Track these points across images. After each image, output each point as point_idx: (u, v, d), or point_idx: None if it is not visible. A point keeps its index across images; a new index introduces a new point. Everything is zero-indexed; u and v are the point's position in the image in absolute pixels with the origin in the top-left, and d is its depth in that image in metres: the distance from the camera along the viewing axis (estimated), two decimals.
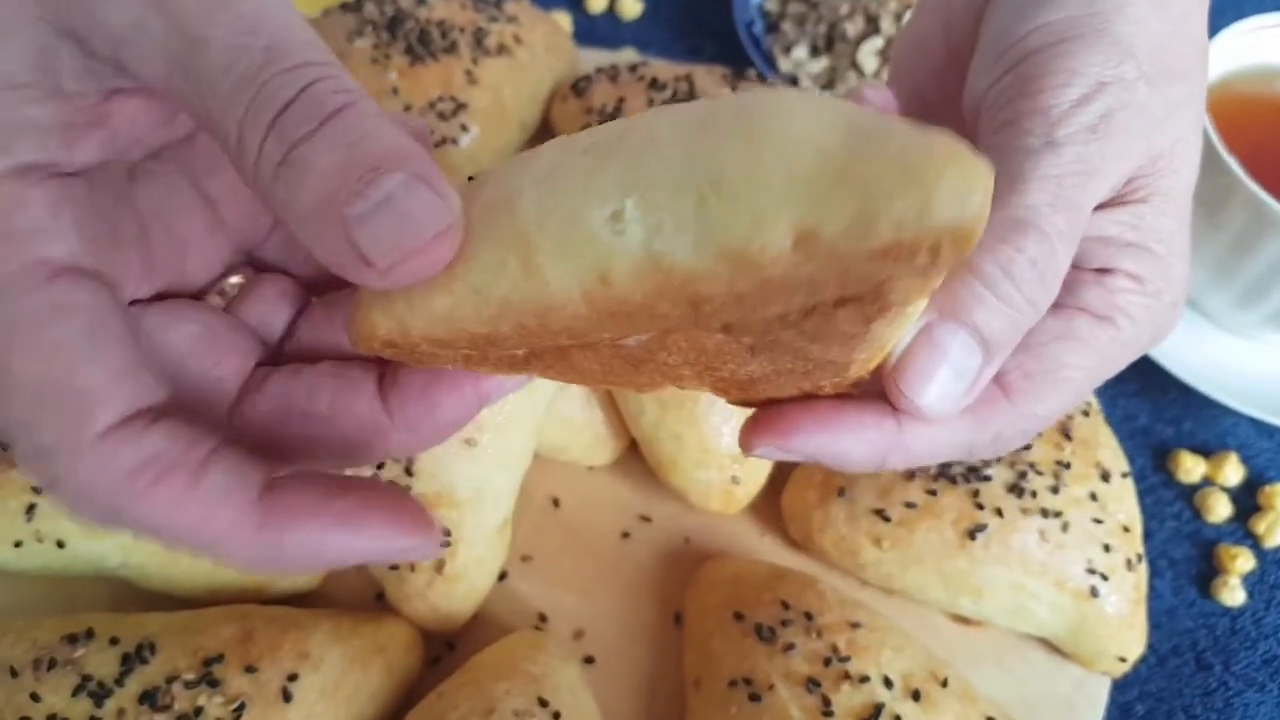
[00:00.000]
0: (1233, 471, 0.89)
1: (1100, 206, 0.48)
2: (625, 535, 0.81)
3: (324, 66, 0.37)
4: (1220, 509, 0.87)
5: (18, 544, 0.71)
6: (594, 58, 1.06)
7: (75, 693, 0.63)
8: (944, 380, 0.43)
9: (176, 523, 0.37)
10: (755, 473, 0.80)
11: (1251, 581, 0.84)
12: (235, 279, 0.48)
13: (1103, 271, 0.49)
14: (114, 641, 0.66)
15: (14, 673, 0.64)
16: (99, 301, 0.39)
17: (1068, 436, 0.76)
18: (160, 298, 0.44)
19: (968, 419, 0.49)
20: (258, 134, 0.36)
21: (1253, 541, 0.86)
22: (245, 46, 0.36)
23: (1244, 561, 0.84)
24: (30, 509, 0.70)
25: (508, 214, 0.35)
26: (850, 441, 0.45)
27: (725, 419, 0.77)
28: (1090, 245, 0.49)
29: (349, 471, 0.45)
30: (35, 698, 0.63)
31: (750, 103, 0.30)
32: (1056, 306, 0.50)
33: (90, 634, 0.66)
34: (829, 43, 1.07)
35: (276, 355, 0.47)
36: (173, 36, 0.36)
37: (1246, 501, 0.88)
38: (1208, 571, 0.85)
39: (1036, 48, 0.45)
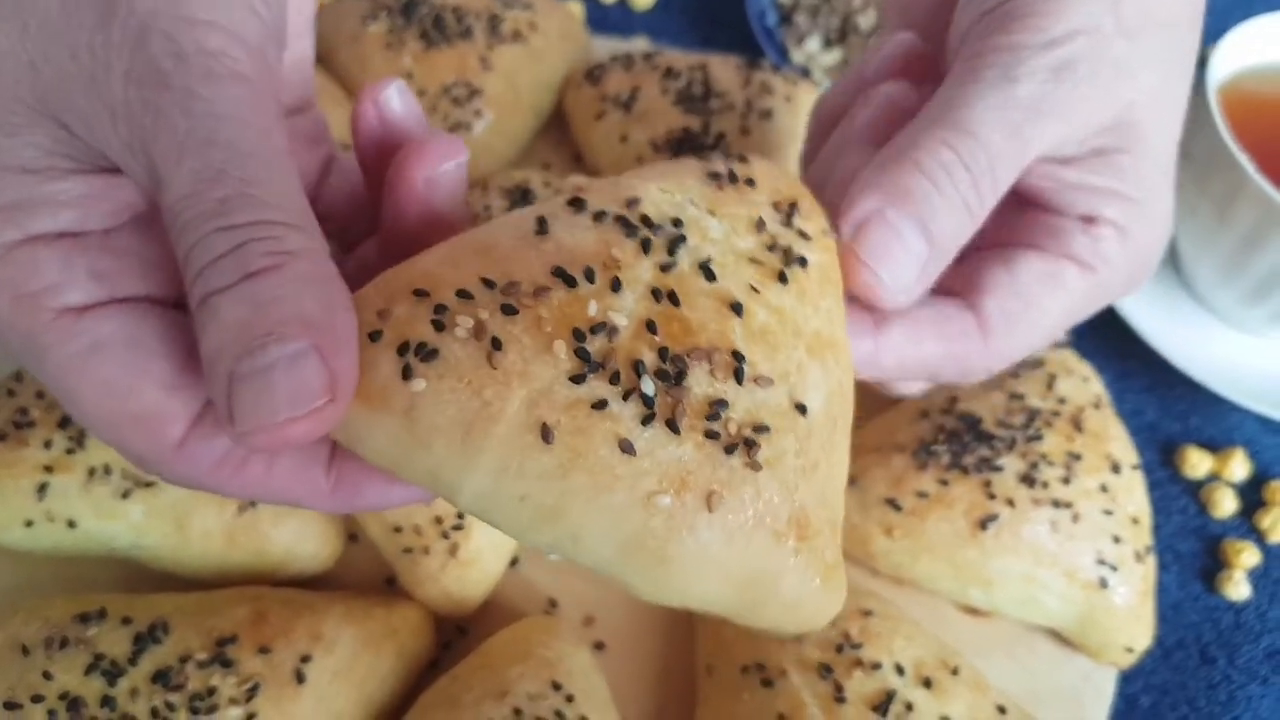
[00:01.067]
0: (1239, 467, 0.89)
1: (1082, 159, 0.51)
2: None
3: (270, 226, 0.38)
4: (1226, 504, 0.87)
5: (29, 523, 0.71)
6: (607, 46, 1.06)
7: (87, 671, 0.63)
8: (899, 257, 0.47)
9: (267, 494, 0.44)
10: None
11: (1256, 576, 0.85)
12: None
13: (1089, 221, 0.52)
14: (126, 621, 0.66)
15: (25, 651, 0.64)
16: (128, 324, 0.42)
17: (1079, 428, 0.77)
18: None
19: (940, 345, 0.52)
20: (190, 276, 0.38)
21: (1258, 537, 0.87)
22: (200, 195, 0.38)
23: (1249, 556, 0.84)
24: (42, 488, 0.70)
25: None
26: None
27: None
28: (1075, 193, 0.52)
29: None
30: (47, 676, 0.63)
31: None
32: (1044, 252, 0.53)
33: (103, 613, 0.66)
34: (842, 35, 1.08)
35: None
36: (153, 168, 0.38)
37: (1252, 497, 0.89)
38: (1213, 566, 0.85)
39: None
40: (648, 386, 0.39)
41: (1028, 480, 0.74)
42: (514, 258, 0.42)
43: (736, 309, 0.42)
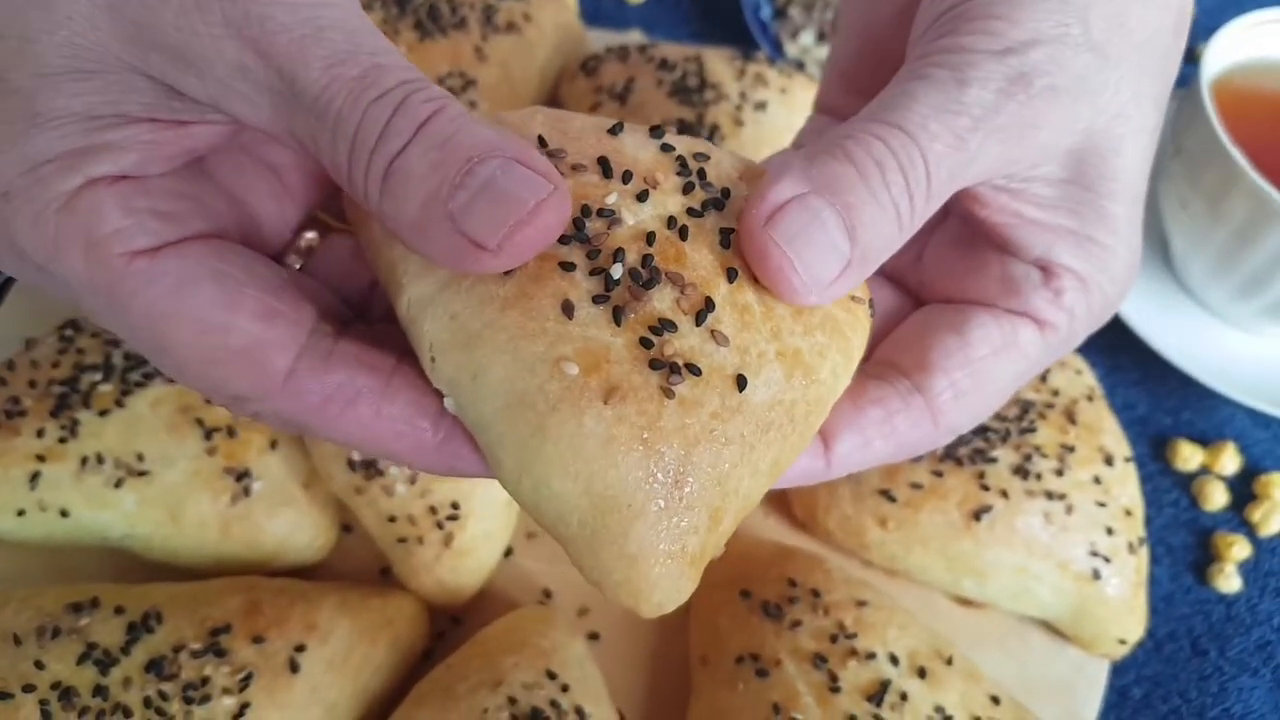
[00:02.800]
0: (1230, 460, 0.89)
1: (1039, 192, 0.46)
2: None
3: (415, 82, 0.38)
4: (1217, 497, 0.88)
5: (20, 513, 0.71)
6: (602, 39, 1.06)
7: (80, 661, 0.63)
8: (820, 247, 0.41)
9: (366, 441, 0.42)
10: None
11: (1247, 569, 0.85)
12: (310, 235, 0.50)
13: (1047, 272, 0.48)
14: (119, 611, 0.66)
15: (17, 640, 0.64)
16: (210, 257, 0.41)
17: (1072, 421, 0.77)
18: None
19: (889, 443, 0.48)
20: (364, 156, 0.37)
21: (1249, 530, 0.87)
22: (341, 78, 0.37)
23: (1240, 549, 0.85)
24: (34, 477, 0.70)
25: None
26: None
27: None
28: (1033, 231, 0.47)
29: None
30: (39, 665, 0.63)
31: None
32: (999, 315, 0.49)
33: (95, 603, 0.66)
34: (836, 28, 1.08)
35: (354, 310, 0.49)
36: (273, 76, 0.37)
37: (1243, 490, 0.89)
38: (1204, 559, 0.86)
39: None
40: (616, 271, 0.40)
41: (1021, 472, 0.74)
42: (576, 136, 0.43)
43: (731, 275, 0.42)
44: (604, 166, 0.43)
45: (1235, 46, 0.92)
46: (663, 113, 0.90)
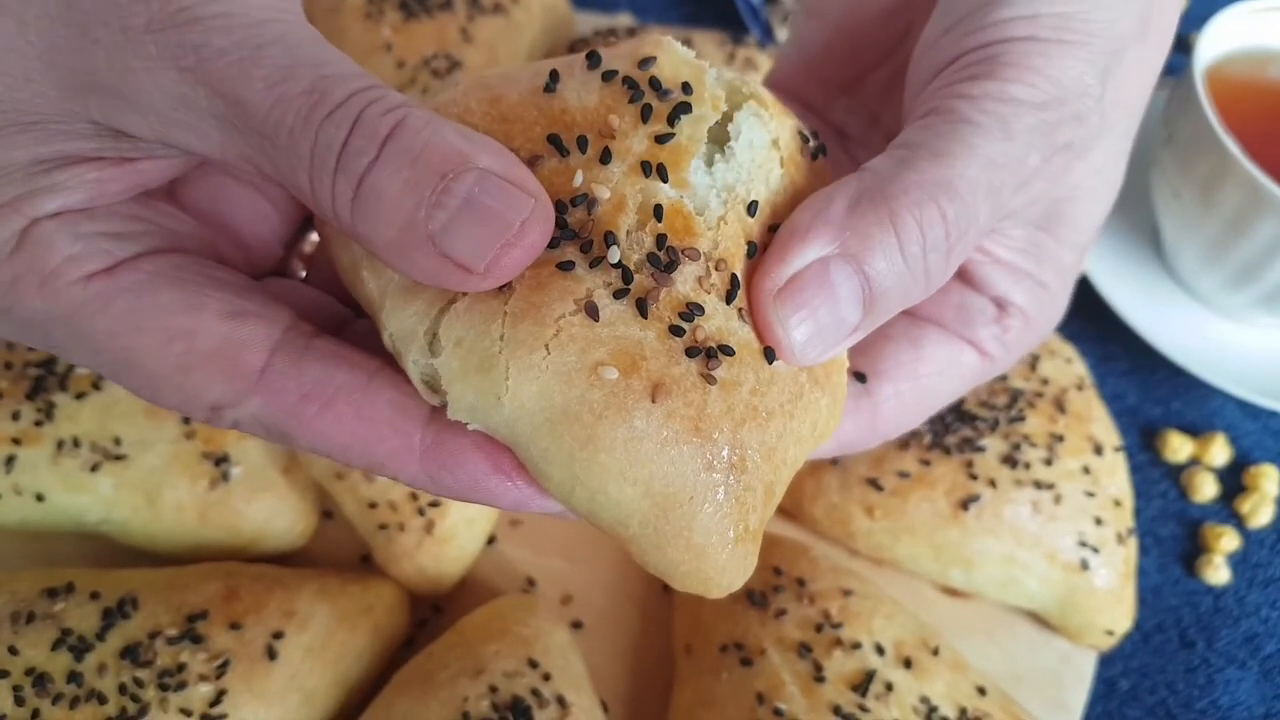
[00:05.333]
0: (1219, 452, 0.89)
1: (1013, 234, 0.48)
2: None
3: (367, 91, 0.36)
4: (1206, 488, 0.87)
5: None
6: (590, 22, 1.05)
7: (55, 646, 0.62)
8: (823, 322, 0.40)
9: (347, 444, 0.40)
10: None
11: (1235, 560, 0.85)
12: (315, 237, 0.49)
13: (1000, 307, 0.50)
14: (95, 596, 0.65)
15: None
16: (165, 267, 0.40)
17: (1062, 410, 0.76)
18: None
19: (831, 444, 0.48)
20: (327, 178, 0.36)
21: (1238, 521, 0.87)
22: (287, 97, 0.35)
23: (1229, 541, 0.84)
24: (9, 461, 0.69)
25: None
26: None
27: None
28: (998, 271, 0.49)
29: None
30: (13, 651, 0.62)
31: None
32: (949, 335, 0.51)
33: (70, 588, 0.65)
34: None
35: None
36: (217, 102, 0.36)
37: (1232, 482, 0.89)
38: (1193, 550, 0.85)
39: (1021, 37, 0.42)
40: (614, 256, 0.38)
41: (1010, 461, 0.73)
42: (516, 118, 0.41)
43: (751, 248, 0.41)
44: (556, 144, 0.41)
45: (1228, 35, 0.91)
46: None
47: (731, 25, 1.09)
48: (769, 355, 0.40)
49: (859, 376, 0.50)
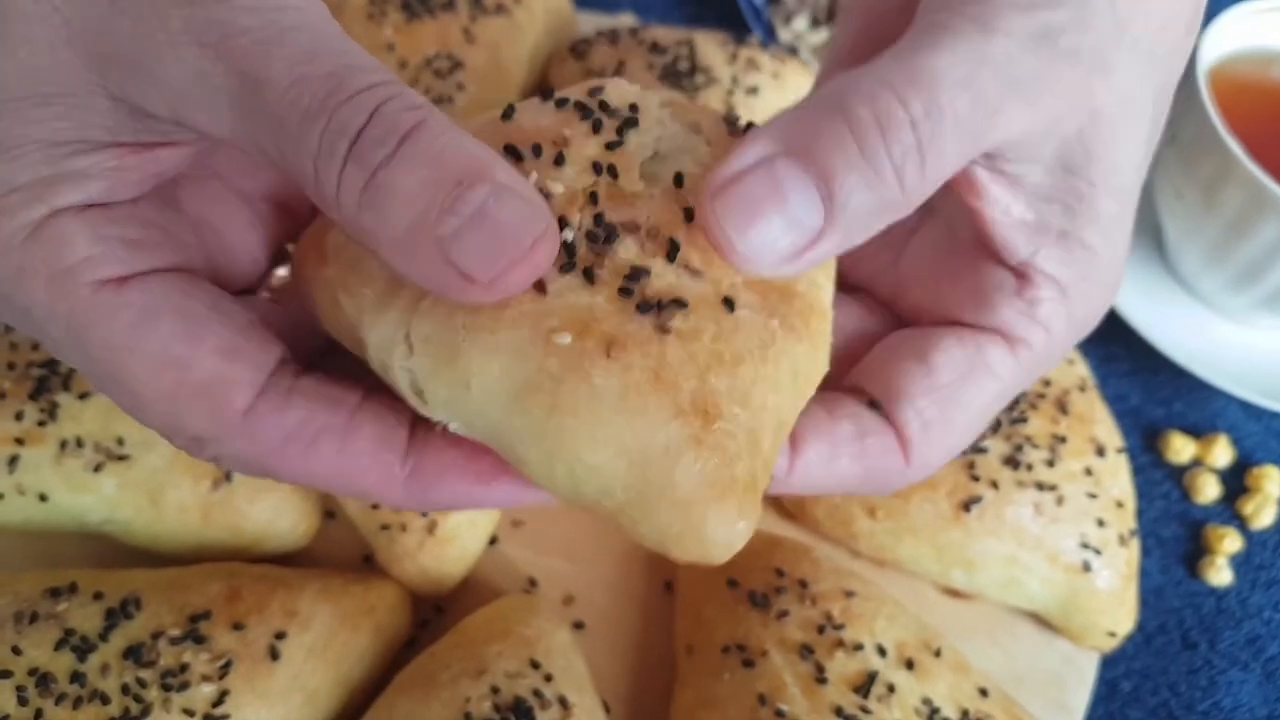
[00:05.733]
0: (1222, 453, 0.89)
1: (1035, 179, 0.43)
2: None
3: (389, 85, 0.36)
4: (1209, 490, 0.87)
5: None
6: (592, 22, 1.05)
7: (58, 647, 0.62)
8: (773, 227, 0.37)
9: (330, 480, 0.41)
10: None
11: (1238, 562, 0.85)
12: (283, 271, 0.49)
13: (1023, 279, 0.44)
14: (98, 596, 0.65)
15: None
16: (174, 292, 0.40)
17: (1064, 411, 0.76)
18: None
19: (857, 465, 0.45)
20: (335, 165, 0.35)
21: (1240, 523, 0.87)
22: (307, 78, 0.35)
23: (1231, 542, 0.84)
24: (12, 461, 0.69)
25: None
26: None
27: None
28: (1015, 229, 0.44)
29: None
30: (16, 651, 0.62)
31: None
32: (967, 328, 0.45)
33: (73, 588, 0.65)
34: (829, 14, 1.07)
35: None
36: (233, 80, 0.36)
37: (1235, 483, 0.89)
38: (1195, 551, 0.85)
39: None
40: (568, 236, 0.39)
41: (1012, 462, 0.73)
42: (476, 135, 0.41)
43: (688, 215, 0.41)
44: (512, 152, 0.41)
45: (1232, 35, 0.91)
46: None
47: (734, 26, 1.09)
48: (729, 304, 0.39)
49: (872, 404, 0.47)
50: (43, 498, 0.70)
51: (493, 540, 0.77)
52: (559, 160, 0.41)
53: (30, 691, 0.60)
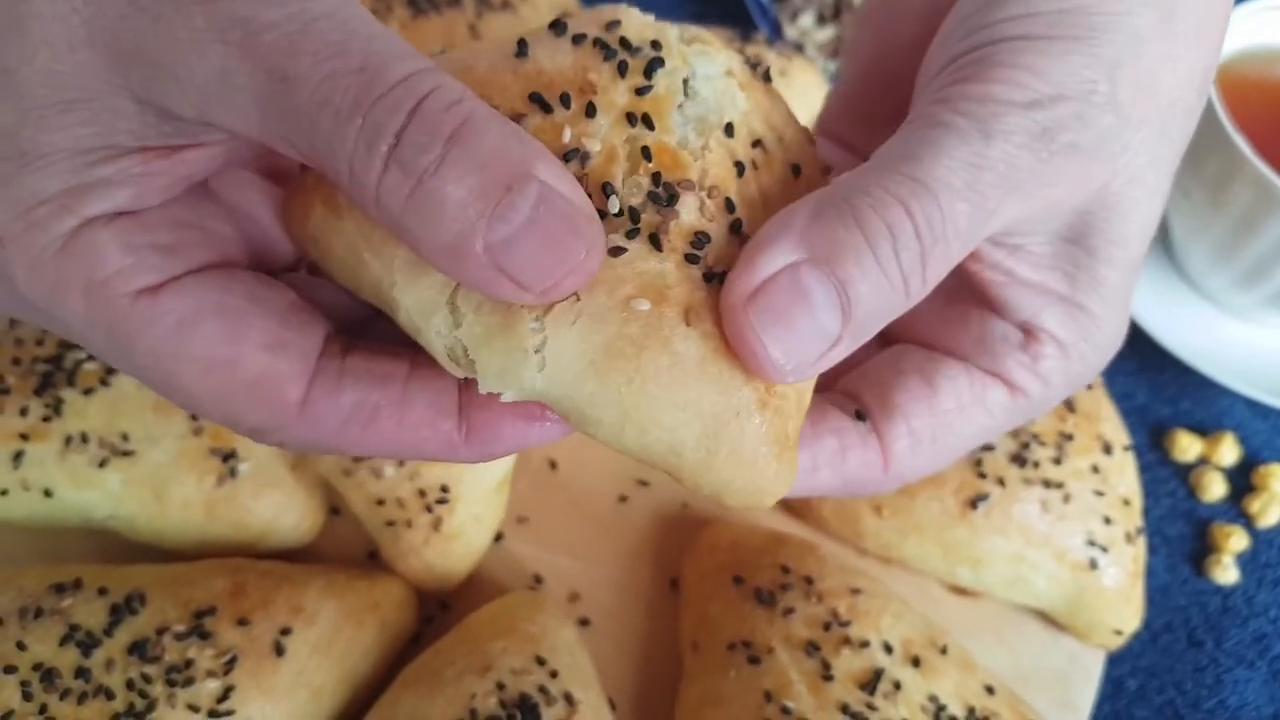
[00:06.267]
0: (1228, 451, 0.89)
1: (1038, 250, 0.44)
2: (623, 499, 0.80)
3: (424, 75, 0.35)
4: (1215, 488, 0.87)
5: (3, 492, 0.70)
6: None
7: (63, 642, 0.62)
8: (802, 335, 0.38)
9: (396, 450, 0.42)
10: None
11: (1244, 560, 0.84)
12: None
13: (1029, 335, 0.46)
14: (103, 592, 0.65)
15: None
16: (212, 291, 0.39)
17: (1071, 408, 0.76)
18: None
19: (835, 476, 0.47)
20: (374, 168, 0.35)
21: (1246, 521, 0.86)
22: (337, 73, 0.34)
23: (1237, 540, 0.84)
24: (17, 456, 0.69)
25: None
26: None
27: None
28: (1022, 293, 0.45)
29: None
30: (21, 646, 0.62)
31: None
32: (971, 369, 0.47)
33: (78, 584, 0.65)
34: (836, 11, 1.06)
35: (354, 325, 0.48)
36: (260, 78, 0.35)
37: (1241, 481, 0.88)
38: (1201, 550, 0.85)
39: (1012, 36, 0.40)
40: (614, 205, 0.39)
41: (1019, 460, 0.73)
42: (493, 81, 0.41)
43: (739, 168, 0.42)
44: (539, 102, 0.41)
45: (1239, 33, 0.91)
46: None
47: (740, 23, 1.08)
48: None
49: (857, 415, 0.49)
50: (47, 493, 0.70)
51: (498, 537, 0.77)
52: (590, 111, 0.41)
53: (35, 687, 0.60)
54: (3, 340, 0.73)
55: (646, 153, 0.41)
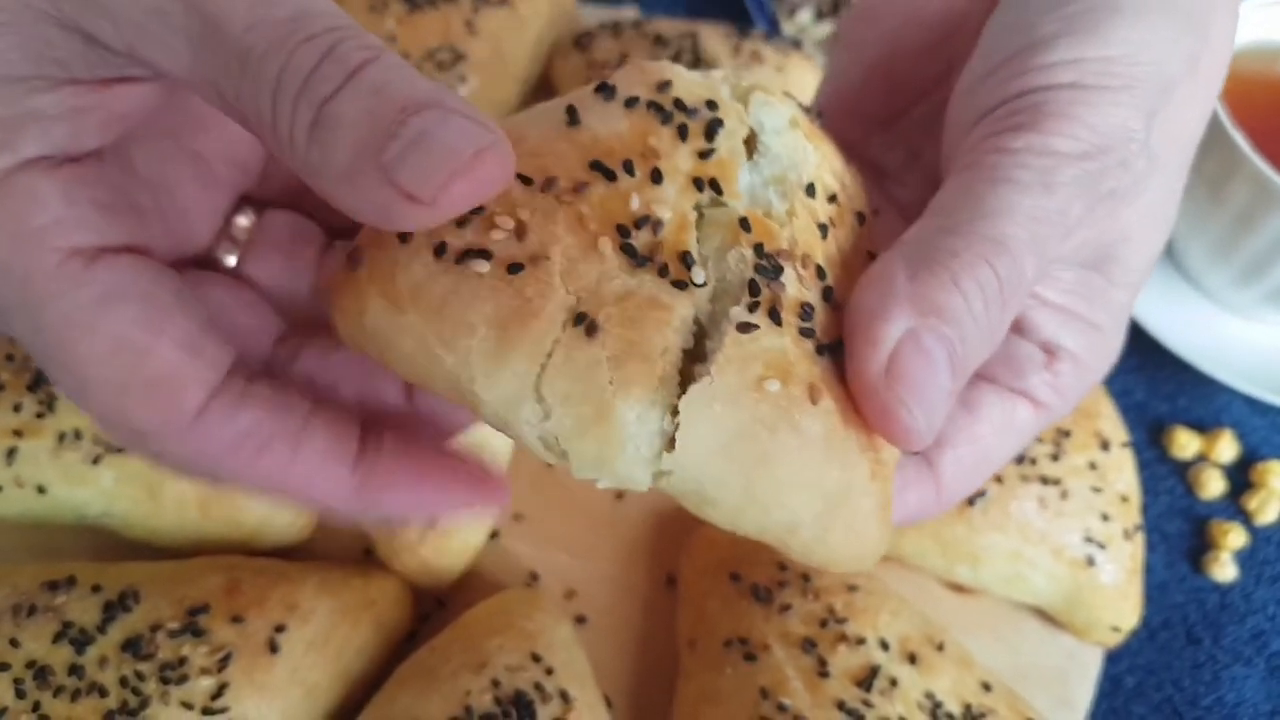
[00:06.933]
0: (1227, 448, 0.88)
1: (1062, 277, 0.47)
2: (619, 496, 0.80)
3: (346, 29, 0.36)
4: (1213, 485, 0.87)
5: None
6: (595, 14, 1.04)
7: (56, 640, 0.62)
8: (933, 394, 0.39)
9: (279, 486, 0.40)
10: None
11: (1243, 557, 0.84)
12: (243, 221, 0.48)
13: (1050, 353, 0.48)
14: (96, 589, 0.64)
15: None
16: (142, 277, 0.39)
17: None
18: (175, 265, 0.43)
19: (900, 516, 0.47)
20: (288, 102, 0.35)
21: (1245, 518, 0.86)
22: (266, 20, 0.35)
23: (1235, 537, 0.84)
24: (10, 453, 0.68)
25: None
26: None
27: None
28: (1046, 314, 0.48)
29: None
30: (14, 644, 0.61)
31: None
32: (1001, 388, 0.49)
33: (72, 581, 0.65)
34: (834, 7, 1.06)
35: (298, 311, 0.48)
36: (193, 19, 0.35)
37: (1239, 478, 0.88)
38: (1199, 547, 0.85)
39: (1063, 84, 0.42)
40: (699, 277, 0.38)
41: (1017, 457, 0.73)
42: (548, 151, 0.40)
43: (823, 230, 0.42)
44: (601, 170, 0.40)
45: (1240, 29, 0.90)
46: None
47: (738, 18, 1.08)
48: None
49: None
50: (41, 490, 0.69)
51: (494, 534, 0.77)
52: (655, 177, 0.40)
53: (28, 684, 0.60)
54: None
55: (745, 224, 0.40)
